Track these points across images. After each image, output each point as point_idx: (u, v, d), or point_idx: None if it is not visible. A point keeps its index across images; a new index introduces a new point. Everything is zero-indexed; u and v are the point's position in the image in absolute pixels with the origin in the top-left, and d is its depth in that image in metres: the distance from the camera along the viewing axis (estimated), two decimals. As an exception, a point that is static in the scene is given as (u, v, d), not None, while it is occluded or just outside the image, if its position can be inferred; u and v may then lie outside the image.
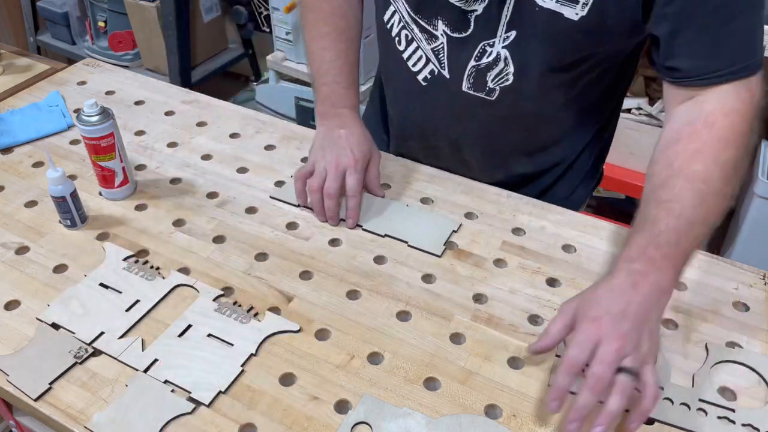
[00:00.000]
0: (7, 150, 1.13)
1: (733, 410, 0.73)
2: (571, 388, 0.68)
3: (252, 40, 2.79)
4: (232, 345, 0.79)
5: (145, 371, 0.76)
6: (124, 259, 0.91)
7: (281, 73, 2.38)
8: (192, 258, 0.92)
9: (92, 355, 0.78)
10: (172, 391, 0.74)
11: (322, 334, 0.81)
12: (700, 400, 0.74)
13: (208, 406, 0.73)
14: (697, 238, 0.74)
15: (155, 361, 0.77)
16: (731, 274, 0.90)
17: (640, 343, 0.68)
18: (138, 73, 1.37)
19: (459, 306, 0.85)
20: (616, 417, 0.66)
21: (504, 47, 0.88)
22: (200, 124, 1.20)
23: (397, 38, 0.99)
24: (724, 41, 0.76)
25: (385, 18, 1.00)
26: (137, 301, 0.84)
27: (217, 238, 0.95)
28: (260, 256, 0.92)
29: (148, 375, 0.75)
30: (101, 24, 2.61)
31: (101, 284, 0.87)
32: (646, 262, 0.72)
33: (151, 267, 0.89)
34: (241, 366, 0.77)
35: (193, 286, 0.87)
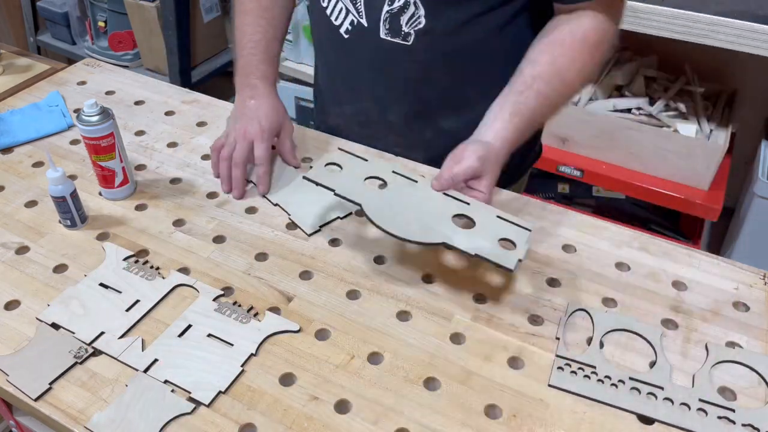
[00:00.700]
0: (7, 150, 1.13)
1: (733, 410, 0.73)
2: None
3: (252, 40, 2.79)
4: (232, 345, 0.79)
5: (145, 371, 0.76)
6: (124, 259, 0.91)
7: (281, 73, 2.38)
8: (192, 258, 0.92)
9: (92, 355, 0.78)
10: (172, 391, 0.74)
11: (322, 334, 0.81)
12: (700, 400, 0.74)
13: (208, 406, 0.73)
14: (542, 117, 0.95)
15: (155, 361, 0.77)
16: (731, 274, 0.90)
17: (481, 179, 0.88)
18: (138, 73, 1.37)
19: (459, 306, 0.85)
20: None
21: None
22: (200, 124, 1.20)
23: None
24: None
25: None
26: (137, 301, 0.84)
27: (217, 238, 0.95)
28: (260, 256, 0.92)
29: (148, 375, 0.75)
30: (101, 24, 2.61)
31: (101, 284, 0.87)
32: (499, 123, 0.90)
33: (151, 267, 0.89)
34: (241, 366, 0.77)
35: (193, 286, 0.87)
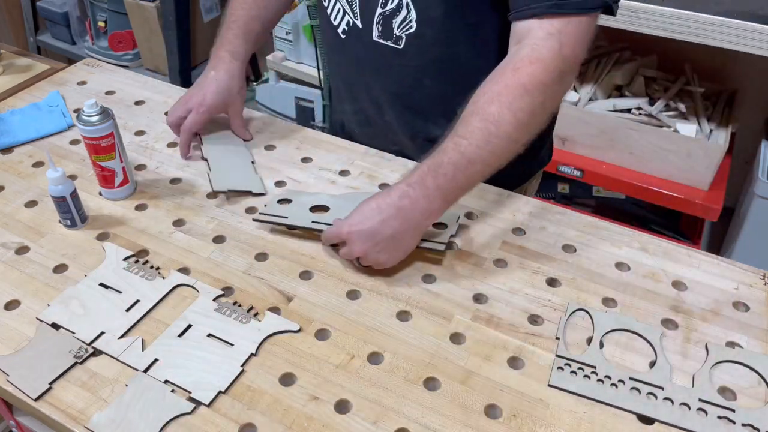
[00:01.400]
0: (7, 150, 1.13)
1: (733, 410, 0.73)
2: None
3: (252, 40, 2.79)
4: (232, 345, 0.79)
5: (145, 371, 0.76)
6: (124, 259, 0.91)
7: (281, 73, 2.38)
8: (192, 258, 0.92)
9: (92, 355, 0.78)
10: (172, 391, 0.74)
11: (322, 334, 0.81)
12: (700, 400, 0.74)
13: (208, 406, 0.73)
14: (474, 174, 0.84)
15: (155, 361, 0.77)
16: (731, 274, 0.90)
17: (377, 257, 0.85)
18: (138, 73, 1.37)
19: (459, 306, 0.85)
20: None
21: None
22: (200, 124, 1.20)
23: None
24: None
25: None
26: (137, 301, 0.84)
27: (217, 238, 0.95)
28: (260, 256, 0.92)
29: (148, 375, 0.75)
30: (101, 24, 2.61)
31: (101, 284, 0.87)
32: (420, 188, 0.83)
33: (151, 267, 0.89)
34: (241, 366, 0.77)
35: (193, 286, 0.87)
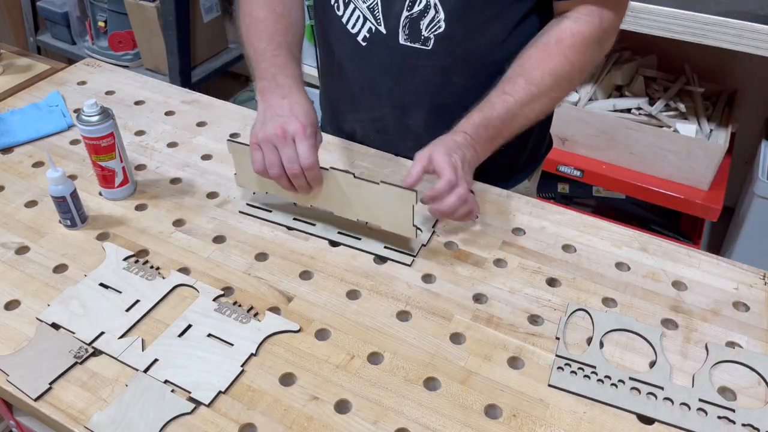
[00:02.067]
0: (7, 150, 1.13)
1: (733, 410, 0.73)
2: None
3: (252, 40, 2.79)
4: (232, 345, 0.79)
5: (145, 371, 0.76)
6: (124, 259, 0.91)
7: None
8: (192, 258, 0.92)
9: (92, 355, 0.78)
10: (172, 391, 0.74)
11: (322, 334, 0.81)
12: (700, 400, 0.74)
13: (208, 406, 0.73)
14: (516, 128, 0.95)
15: (155, 361, 0.77)
16: (731, 274, 0.90)
17: (450, 153, 0.87)
18: (138, 73, 1.37)
19: (459, 306, 0.85)
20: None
21: None
22: (200, 124, 1.20)
23: (336, 5, 1.02)
24: None
25: None
26: (137, 301, 0.84)
27: (217, 238, 0.95)
28: (260, 256, 0.92)
29: (148, 375, 0.75)
30: (101, 24, 2.61)
31: (101, 284, 0.87)
32: (475, 137, 0.92)
33: (151, 267, 0.89)
34: (241, 366, 0.77)
35: (193, 286, 0.87)
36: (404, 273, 0.90)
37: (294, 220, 0.96)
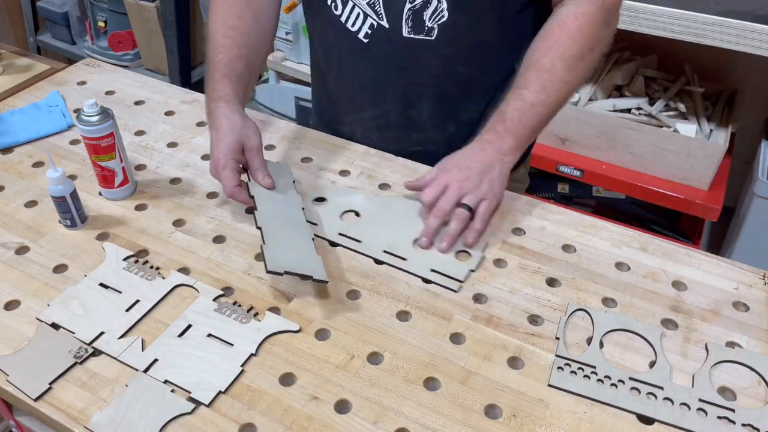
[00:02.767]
0: (7, 150, 1.13)
1: (733, 410, 0.73)
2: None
3: (252, 40, 2.78)
4: (232, 345, 0.79)
5: (145, 371, 0.76)
6: (124, 259, 0.91)
7: (281, 73, 2.38)
8: (192, 258, 0.92)
9: (92, 355, 0.78)
10: (172, 391, 0.74)
11: (322, 334, 0.81)
12: (700, 400, 0.74)
13: (208, 406, 0.73)
14: (538, 115, 0.95)
15: (155, 361, 0.77)
16: (731, 274, 0.90)
17: (478, 187, 0.93)
18: (138, 73, 1.37)
19: (459, 306, 0.85)
20: (455, 236, 0.92)
21: None
22: (200, 124, 1.20)
23: (333, 4, 1.02)
24: None
25: None
26: (137, 301, 0.84)
27: (217, 238, 0.95)
28: (260, 257, 0.92)
29: (148, 375, 0.75)
30: (101, 24, 2.61)
31: (101, 284, 0.87)
32: (492, 133, 0.96)
33: (151, 267, 0.89)
34: (241, 366, 0.77)
35: (193, 286, 0.87)
36: (404, 273, 0.90)
37: (339, 235, 0.95)
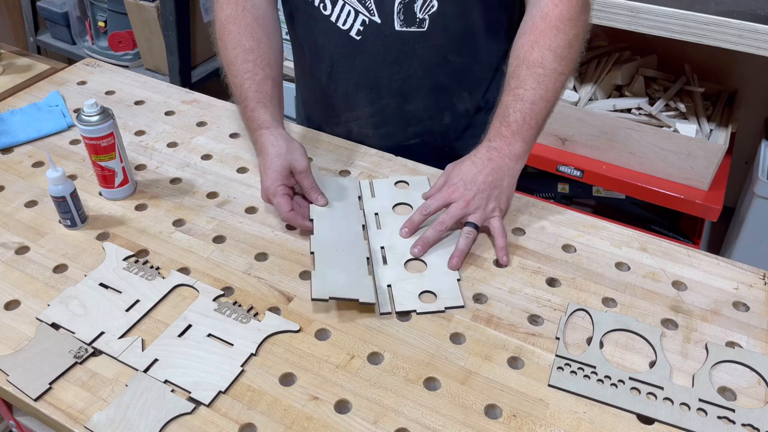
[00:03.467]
0: (7, 150, 1.13)
1: (733, 410, 0.73)
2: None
3: (252, 40, 2.79)
4: (232, 345, 0.79)
5: (145, 371, 0.76)
6: (124, 259, 0.91)
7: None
8: (192, 258, 0.92)
9: (92, 355, 0.78)
10: (172, 391, 0.74)
11: (322, 334, 0.81)
12: (700, 400, 0.74)
13: (208, 406, 0.73)
14: (540, 111, 0.94)
15: (155, 361, 0.77)
16: (731, 274, 0.90)
17: (485, 204, 0.92)
18: (138, 73, 1.37)
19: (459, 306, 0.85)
20: (464, 252, 0.90)
21: None
22: (200, 124, 1.20)
23: (321, 4, 1.02)
24: None
25: None
26: (137, 301, 0.84)
27: (217, 238, 0.95)
28: (260, 256, 0.92)
29: (148, 375, 0.75)
30: (101, 24, 2.61)
31: (101, 284, 0.87)
32: (499, 139, 0.94)
33: (151, 267, 0.89)
34: (241, 366, 0.77)
35: (193, 286, 0.87)
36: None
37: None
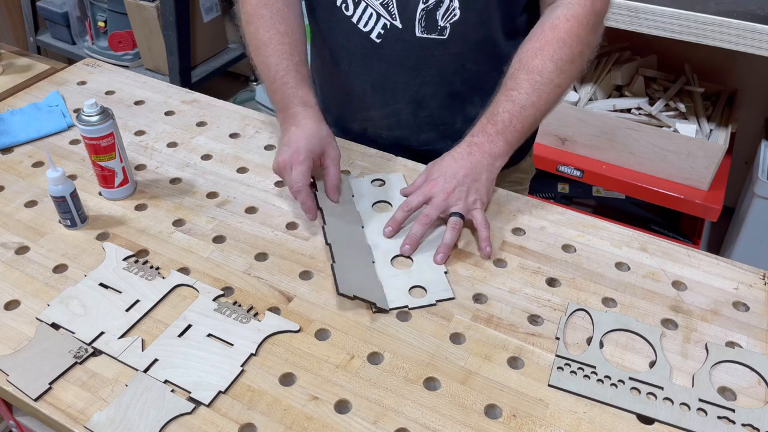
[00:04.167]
0: (7, 150, 1.13)
1: (733, 410, 0.73)
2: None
3: (252, 40, 2.79)
4: (232, 345, 0.79)
5: (145, 371, 0.76)
6: (124, 259, 0.91)
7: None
8: (192, 258, 0.92)
9: (92, 355, 0.78)
10: (172, 391, 0.74)
11: (322, 334, 0.81)
12: (700, 400, 0.74)
13: (208, 406, 0.73)
14: (528, 117, 0.95)
15: (155, 361, 0.77)
16: (731, 274, 0.90)
17: (466, 196, 0.93)
18: (138, 73, 1.37)
19: (459, 306, 0.85)
20: (450, 246, 0.91)
21: None
22: (200, 124, 1.20)
23: (344, 5, 1.02)
24: None
25: None
26: (137, 301, 0.84)
27: (217, 238, 0.95)
28: (260, 256, 0.92)
29: (148, 375, 0.75)
30: (101, 24, 2.61)
31: (101, 284, 0.87)
32: (482, 135, 0.95)
33: (151, 267, 0.89)
34: (241, 366, 0.77)
35: (193, 286, 0.87)
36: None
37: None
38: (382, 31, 1.02)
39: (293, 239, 0.95)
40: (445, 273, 0.89)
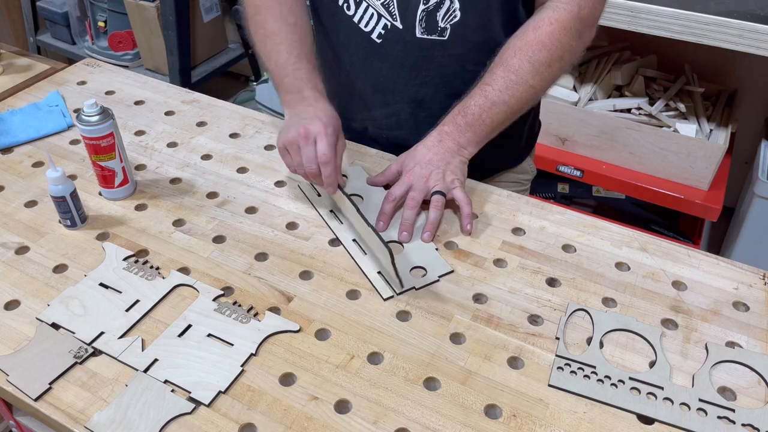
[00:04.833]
0: (7, 150, 1.13)
1: (733, 410, 0.73)
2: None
3: (252, 40, 2.79)
4: (232, 345, 0.79)
5: (145, 371, 0.76)
6: (124, 259, 0.91)
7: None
8: (192, 258, 0.92)
9: (92, 355, 0.78)
10: (172, 391, 0.74)
11: (322, 334, 0.81)
12: (700, 400, 0.74)
13: (208, 406, 0.73)
14: (498, 115, 0.97)
15: (155, 361, 0.77)
16: (731, 274, 0.90)
17: (443, 177, 0.97)
18: (138, 73, 1.37)
19: (459, 306, 0.85)
20: (435, 224, 0.95)
21: None
22: (200, 124, 1.20)
23: (345, 4, 1.02)
24: None
25: None
26: (137, 301, 0.84)
27: (217, 238, 0.95)
28: (260, 256, 0.92)
29: (148, 375, 0.75)
30: (101, 24, 2.61)
31: (101, 284, 0.87)
32: (452, 125, 0.99)
33: (151, 267, 0.89)
34: (241, 366, 0.77)
35: (193, 286, 0.87)
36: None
37: (330, 212, 0.99)
38: (383, 32, 1.02)
39: (293, 239, 0.95)
40: (436, 250, 0.92)
